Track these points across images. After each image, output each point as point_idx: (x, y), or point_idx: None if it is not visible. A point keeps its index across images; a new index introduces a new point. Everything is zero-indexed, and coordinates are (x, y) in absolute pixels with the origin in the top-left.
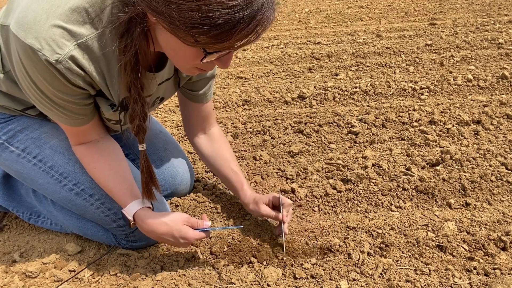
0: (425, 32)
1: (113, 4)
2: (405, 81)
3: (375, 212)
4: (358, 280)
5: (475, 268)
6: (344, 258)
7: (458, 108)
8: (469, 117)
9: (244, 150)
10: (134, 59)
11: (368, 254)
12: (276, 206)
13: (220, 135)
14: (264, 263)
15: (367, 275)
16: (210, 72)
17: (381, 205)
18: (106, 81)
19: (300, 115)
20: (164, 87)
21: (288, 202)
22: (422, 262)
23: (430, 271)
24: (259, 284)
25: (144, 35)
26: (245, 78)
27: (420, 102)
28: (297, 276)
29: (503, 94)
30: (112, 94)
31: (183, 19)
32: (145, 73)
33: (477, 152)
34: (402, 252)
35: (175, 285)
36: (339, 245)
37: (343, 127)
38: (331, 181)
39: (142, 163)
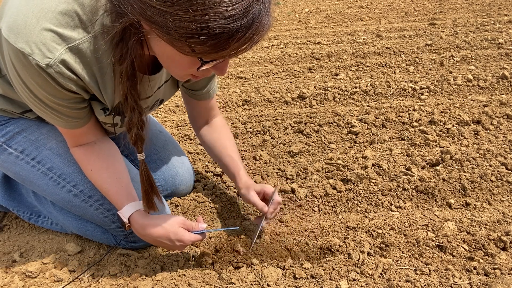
0: (425, 32)
1: (105, 8)
2: (405, 81)
3: (375, 212)
4: (358, 280)
5: (475, 268)
6: (344, 258)
7: (458, 108)
8: (469, 117)
9: (244, 150)
10: (131, 68)
11: (368, 254)
12: (266, 198)
13: (221, 124)
14: (265, 263)
15: (367, 275)
16: None
17: (381, 205)
18: (99, 85)
19: (300, 115)
20: (164, 89)
21: (278, 199)
22: (422, 262)
23: (430, 271)
24: (259, 284)
25: (139, 43)
26: (245, 78)
27: (420, 102)
28: (297, 276)
29: (503, 94)
30: (105, 98)
31: (179, 29)
32: (141, 78)
33: (477, 152)
34: (402, 252)
35: (175, 285)
36: (339, 245)
37: (343, 127)
38: (331, 181)
39: (142, 173)
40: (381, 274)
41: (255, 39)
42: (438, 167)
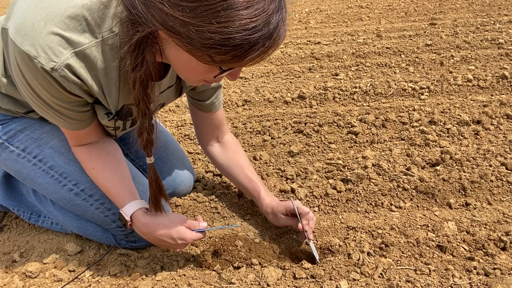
0: (425, 32)
1: (116, 15)
2: (405, 81)
3: (375, 212)
4: (358, 280)
5: (475, 268)
6: (344, 258)
7: (458, 108)
8: (469, 117)
9: (244, 150)
10: (145, 75)
11: (368, 254)
12: (295, 214)
13: (234, 143)
14: (265, 263)
15: (367, 275)
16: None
17: (381, 205)
18: (104, 90)
19: (300, 115)
20: (166, 94)
21: (305, 210)
22: (422, 262)
23: (430, 271)
24: (259, 284)
25: (154, 51)
26: (245, 78)
27: (420, 102)
28: (297, 276)
29: (503, 94)
30: (109, 103)
31: (202, 40)
32: (153, 84)
33: (477, 152)
34: (402, 252)
35: (175, 285)
36: (339, 245)
37: (343, 127)
38: (331, 181)
39: (151, 176)
40: (381, 274)
41: (273, 49)
42: (438, 167)
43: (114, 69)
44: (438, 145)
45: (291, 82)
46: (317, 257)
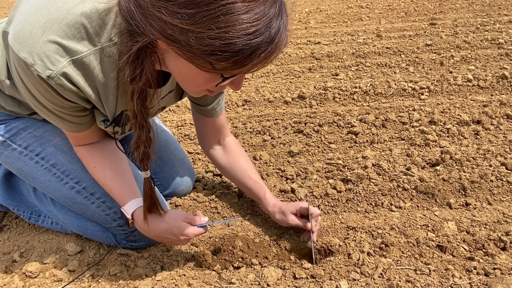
0: (425, 32)
1: (115, 25)
2: (405, 81)
3: (375, 212)
4: (358, 280)
5: (475, 268)
6: (344, 258)
7: (458, 108)
8: (469, 117)
9: (245, 150)
10: (143, 87)
11: (368, 254)
12: (303, 215)
13: (235, 145)
14: (265, 263)
15: (367, 275)
16: None
17: (381, 205)
18: (101, 98)
19: (300, 115)
20: (167, 99)
21: (317, 212)
22: (422, 262)
23: (430, 271)
24: (259, 284)
25: (153, 61)
26: (245, 78)
27: (420, 102)
28: (297, 276)
29: (503, 94)
30: (106, 110)
31: (202, 47)
32: (152, 94)
33: (477, 152)
34: (402, 252)
35: (175, 285)
36: (339, 245)
37: (343, 127)
38: (331, 181)
39: (146, 191)
40: (381, 274)
41: (275, 54)
42: (438, 167)
43: (112, 79)
44: (438, 145)
45: (291, 82)
46: (314, 258)
